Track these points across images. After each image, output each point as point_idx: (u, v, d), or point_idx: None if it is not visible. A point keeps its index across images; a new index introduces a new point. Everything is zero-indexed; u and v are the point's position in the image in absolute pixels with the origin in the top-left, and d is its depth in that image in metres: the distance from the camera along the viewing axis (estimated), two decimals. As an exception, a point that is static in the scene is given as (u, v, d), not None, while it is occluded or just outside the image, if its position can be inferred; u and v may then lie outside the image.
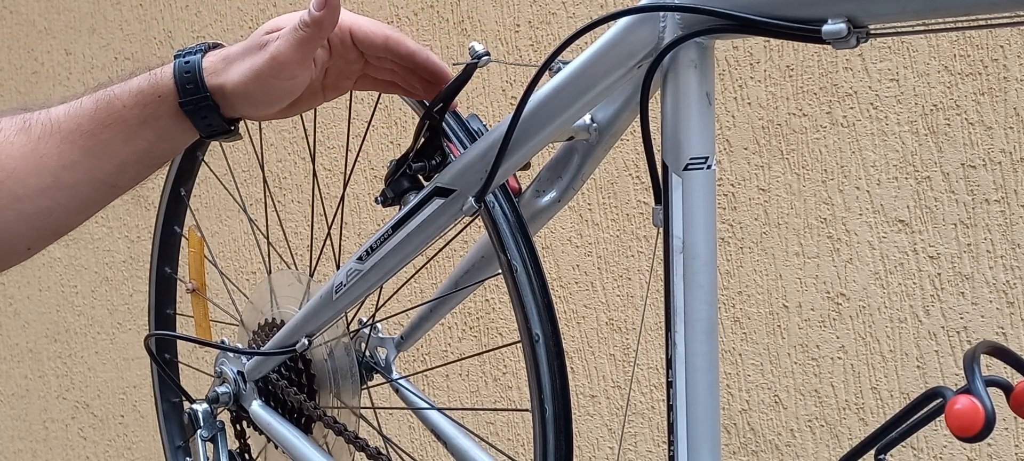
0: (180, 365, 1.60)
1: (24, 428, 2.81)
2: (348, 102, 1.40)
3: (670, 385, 0.92)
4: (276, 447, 1.36)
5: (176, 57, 0.96)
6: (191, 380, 1.73)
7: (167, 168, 1.48)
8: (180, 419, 1.51)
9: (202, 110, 0.95)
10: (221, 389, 1.39)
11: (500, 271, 1.07)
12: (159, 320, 1.54)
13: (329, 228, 1.40)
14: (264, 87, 0.95)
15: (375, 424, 1.40)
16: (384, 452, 1.27)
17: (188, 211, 1.51)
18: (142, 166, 0.98)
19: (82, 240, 2.63)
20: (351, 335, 1.35)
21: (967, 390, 0.77)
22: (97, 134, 0.94)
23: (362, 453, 1.30)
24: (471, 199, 1.03)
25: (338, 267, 1.22)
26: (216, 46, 0.99)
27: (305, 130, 2.07)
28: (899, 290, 1.60)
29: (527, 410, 1.04)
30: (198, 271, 1.52)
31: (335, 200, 1.76)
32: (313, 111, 1.67)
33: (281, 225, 2.07)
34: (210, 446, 1.39)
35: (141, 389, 2.56)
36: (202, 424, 1.39)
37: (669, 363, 0.92)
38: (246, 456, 1.44)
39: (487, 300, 1.99)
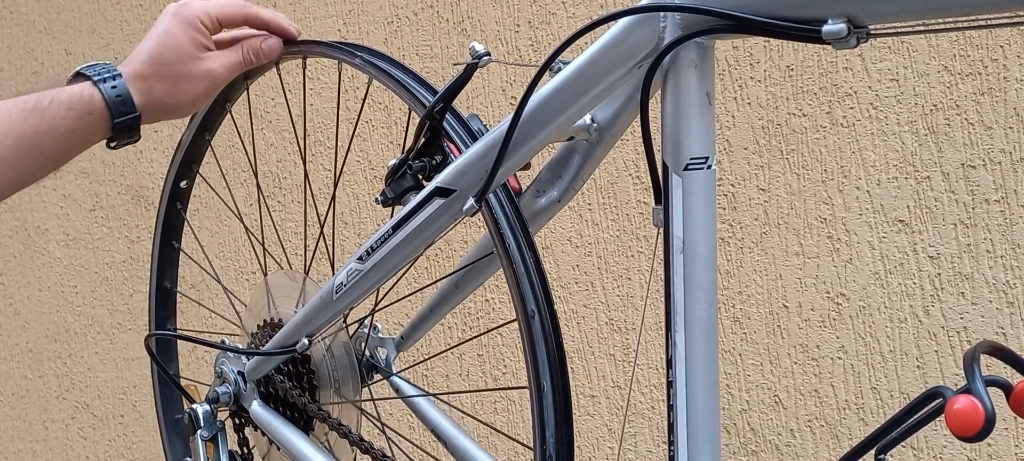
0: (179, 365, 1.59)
1: (24, 428, 2.81)
2: (336, 102, 1.40)
3: (670, 385, 0.92)
4: (277, 448, 1.36)
5: (90, 79, 1.11)
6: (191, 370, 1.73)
7: (163, 181, 1.48)
8: (182, 429, 1.50)
9: (130, 127, 1.12)
10: (221, 389, 1.39)
11: (501, 270, 1.07)
12: (160, 328, 1.54)
13: (321, 228, 1.40)
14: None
15: (375, 421, 1.40)
16: (387, 454, 1.27)
17: (185, 223, 1.51)
18: (56, 166, 1.12)
19: (82, 240, 2.63)
20: (351, 335, 1.35)
21: (967, 390, 0.77)
22: (27, 137, 1.07)
23: (363, 454, 1.30)
24: (472, 199, 1.03)
25: (333, 266, 1.22)
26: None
27: (295, 133, 2.08)
28: (899, 290, 1.60)
29: (525, 387, 1.04)
30: None
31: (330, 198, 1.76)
32: (302, 111, 1.68)
33: (276, 228, 2.07)
34: (210, 446, 1.39)
35: (141, 389, 2.56)
36: (202, 424, 1.39)
37: (669, 363, 0.92)
38: (246, 451, 1.44)
39: (487, 300, 1.99)
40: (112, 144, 1.14)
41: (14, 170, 1.07)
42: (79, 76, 1.12)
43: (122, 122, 1.10)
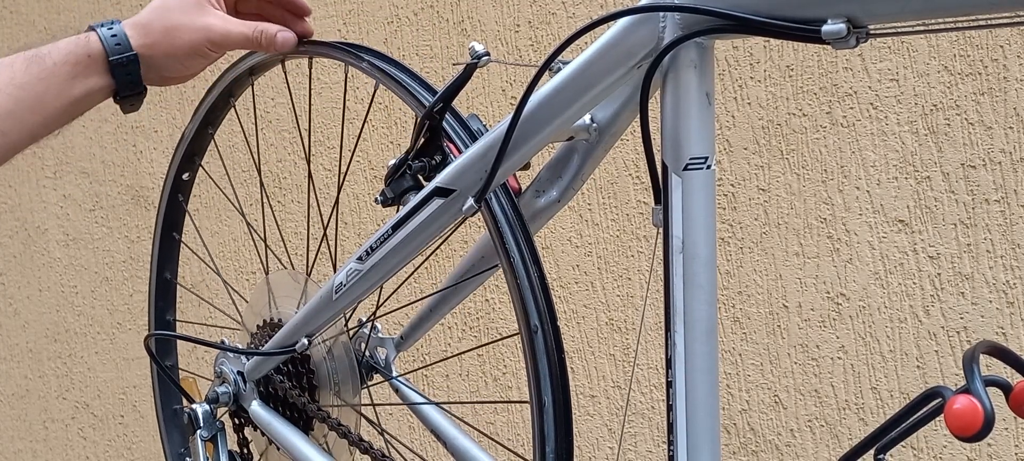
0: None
1: (24, 428, 2.81)
2: (342, 102, 1.41)
3: (670, 385, 0.92)
4: (276, 448, 1.36)
5: (90, 28, 1.11)
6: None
7: (165, 174, 1.48)
8: (180, 420, 1.51)
9: (129, 71, 1.11)
10: (221, 389, 1.39)
11: (500, 269, 1.07)
12: (159, 323, 1.54)
13: (325, 228, 1.40)
14: (192, 61, 1.15)
15: (375, 422, 1.40)
16: (386, 454, 1.27)
17: (186, 215, 1.51)
18: (63, 120, 1.11)
19: (82, 240, 2.63)
20: (351, 335, 1.35)
21: (966, 390, 0.77)
22: (31, 86, 1.07)
23: (362, 453, 1.30)
24: (471, 199, 1.03)
25: (334, 266, 1.22)
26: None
27: (299, 132, 2.08)
28: (899, 290, 1.60)
29: (526, 402, 1.04)
30: None
31: (334, 200, 1.76)
32: (308, 111, 1.68)
33: (278, 226, 2.07)
34: (210, 446, 1.39)
35: (141, 389, 2.56)
36: (202, 424, 1.39)
37: (669, 363, 0.92)
38: (245, 451, 1.44)
39: (487, 300, 1.99)
40: (119, 98, 1.13)
41: (20, 124, 1.07)
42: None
43: (118, 60, 1.10)
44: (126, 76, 1.11)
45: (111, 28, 1.12)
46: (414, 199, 1.10)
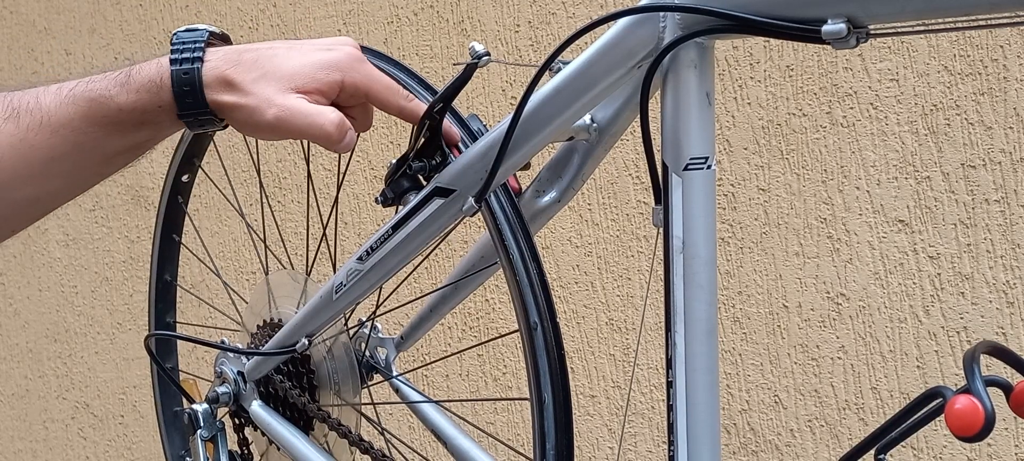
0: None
1: (24, 428, 2.81)
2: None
3: (670, 385, 0.92)
4: (277, 449, 1.36)
5: (172, 48, 0.97)
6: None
7: (164, 177, 1.48)
8: (181, 422, 1.51)
9: (202, 122, 0.97)
10: (221, 389, 1.39)
11: (500, 268, 1.07)
12: (159, 326, 1.54)
13: (324, 228, 1.40)
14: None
15: (375, 422, 1.40)
16: (386, 454, 1.27)
17: (186, 217, 1.51)
18: (130, 157, 0.99)
19: (82, 240, 2.62)
20: (351, 335, 1.35)
21: (967, 390, 0.77)
22: (90, 132, 0.94)
23: (363, 453, 1.30)
24: (471, 199, 1.03)
25: (334, 266, 1.22)
26: (214, 37, 1.00)
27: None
28: (899, 290, 1.60)
29: (526, 399, 1.04)
30: None
31: (334, 200, 1.76)
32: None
33: (278, 227, 2.07)
34: (210, 446, 1.39)
35: (141, 389, 2.56)
36: (202, 424, 1.39)
37: (669, 363, 0.92)
38: (246, 451, 1.44)
39: (487, 300, 1.99)
40: (182, 118, 0.96)
41: (80, 170, 0.95)
42: None
43: (189, 114, 0.94)
44: (201, 127, 0.97)
45: (187, 71, 0.94)
46: (414, 199, 1.10)
